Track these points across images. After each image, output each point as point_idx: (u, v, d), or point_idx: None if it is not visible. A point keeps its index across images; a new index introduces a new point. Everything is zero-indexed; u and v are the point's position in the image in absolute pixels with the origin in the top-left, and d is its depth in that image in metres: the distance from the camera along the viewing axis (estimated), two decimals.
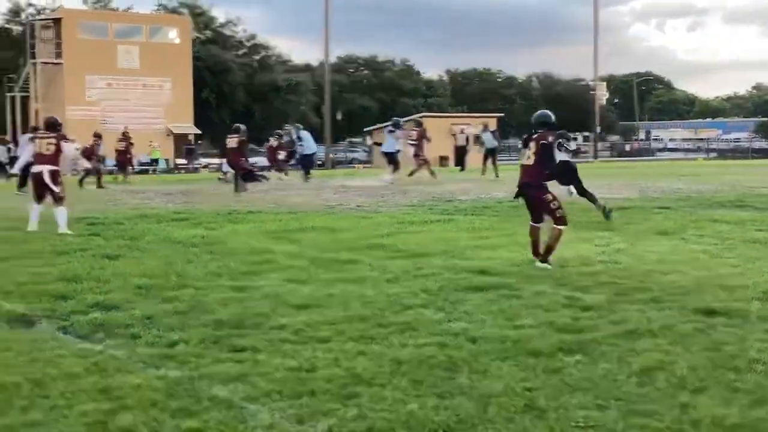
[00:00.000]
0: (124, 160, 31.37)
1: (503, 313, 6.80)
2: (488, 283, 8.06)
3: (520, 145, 9.83)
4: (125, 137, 31.60)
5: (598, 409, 4.57)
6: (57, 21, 54.02)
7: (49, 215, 12.97)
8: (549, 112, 9.58)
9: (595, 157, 63.68)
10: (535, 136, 9.20)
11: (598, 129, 69.80)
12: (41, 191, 12.96)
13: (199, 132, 56.93)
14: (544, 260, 9.05)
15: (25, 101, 54.44)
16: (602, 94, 78.17)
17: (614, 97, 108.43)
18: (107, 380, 5.06)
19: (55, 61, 52.94)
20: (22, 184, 21.27)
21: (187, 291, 7.82)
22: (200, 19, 69.34)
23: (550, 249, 9.11)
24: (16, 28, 63.78)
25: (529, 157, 9.20)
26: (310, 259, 9.74)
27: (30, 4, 64.39)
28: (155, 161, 50.37)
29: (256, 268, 9.09)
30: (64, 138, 13.68)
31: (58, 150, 13.03)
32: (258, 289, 7.90)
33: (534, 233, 9.32)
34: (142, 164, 49.30)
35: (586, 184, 14.66)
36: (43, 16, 57.97)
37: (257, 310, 6.95)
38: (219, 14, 74.03)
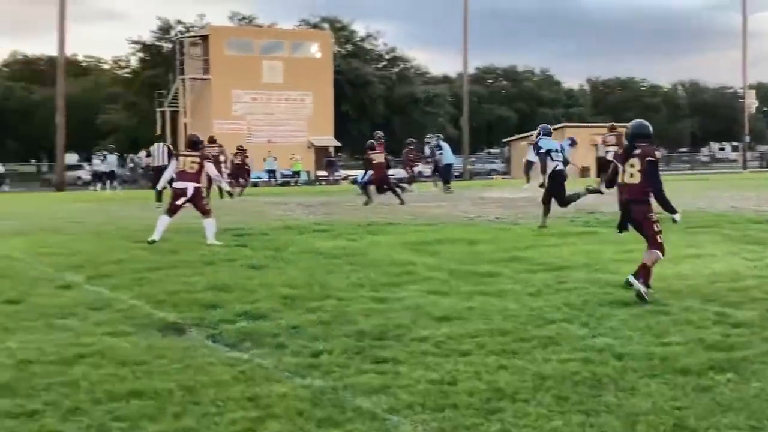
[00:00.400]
0: (241, 172, 31.79)
1: (650, 330, 6.62)
2: (634, 298, 7.85)
3: (614, 160, 9.06)
4: (241, 151, 31.77)
5: (751, 429, 4.42)
6: (205, 38, 56.48)
7: (197, 226, 13.48)
8: (646, 122, 8.64)
9: (744, 167, 61.30)
10: (638, 152, 8.31)
11: (747, 138, 67.21)
12: (177, 207, 13.39)
13: (339, 144, 58.07)
14: (637, 277, 8.00)
15: (174, 116, 56.97)
16: (751, 103, 75.30)
17: (764, 105, 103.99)
18: (255, 389, 5.19)
19: (203, 76, 55.32)
20: (159, 197, 21.67)
21: (330, 302, 7.95)
22: (341, 33, 70.71)
23: (644, 268, 8.05)
24: (166, 46, 66.05)
25: (632, 174, 8.32)
26: (450, 271, 9.74)
27: (179, 22, 66.94)
28: (297, 173, 51.71)
29: (396, 280, 9.15)
30: (207, 158, 14.26)
31: (201, 168, 13.55)
32: (399, 301, 7.95)
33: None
34: (284, 176, 50.79)
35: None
36: (191, 34, 60.50)
37: (398, 322, 7.00)
38: (359, 28, 75.39)
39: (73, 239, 14.35)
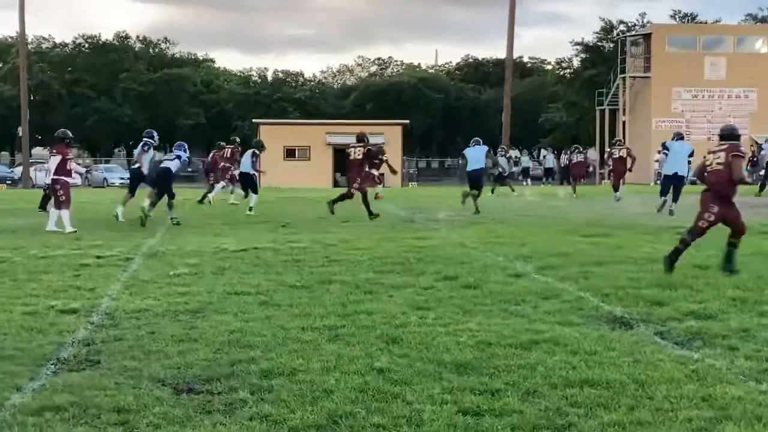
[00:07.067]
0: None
1: None
2: None
3: None
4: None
5: None
6: (646, 37, 62.80)
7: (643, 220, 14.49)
8: None
9: None
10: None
11: None
12: None
13: None
14: None
15: (612, 114, 64.02)
16: None
17: None
18: (707, 389, 5.76)
19: (643, 74, 62.00)
20: None
21: None
22: None
23: None
24: (608, 45, 74.23)
25: None
26: None
27: (621, 22, 75.14)
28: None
29: None
30: None
31: None
32: None
33: None
34: None
35: None
36: (633, 33, 67.55)
37: None
38: None
39: (520, 231, 16.72)
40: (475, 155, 24.22)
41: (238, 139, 29.30)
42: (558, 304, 8.90)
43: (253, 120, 60.56)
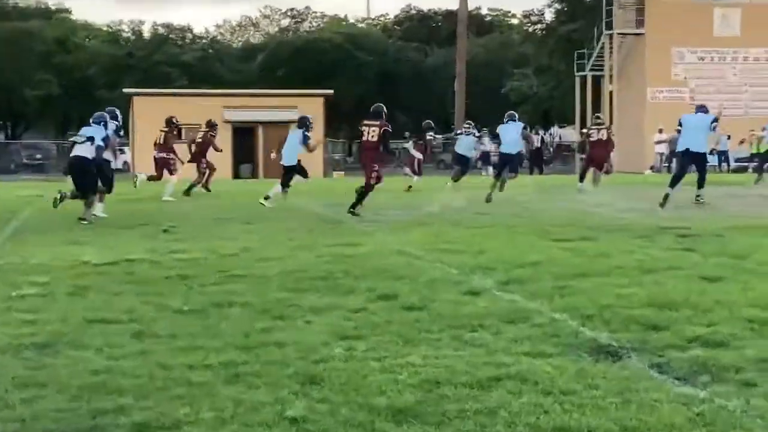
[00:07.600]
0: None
1: None
2: None
3: None
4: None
5: None
6: None
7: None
8: None
9: None
10: None
11: None
12: None
13: None
14: None
15: (597, 81, 65.91)
16: None
17: None
18: None
19: (635, 30, 62.90)
20: None
21: None
22: None
23: None
24: None
25: None
26: None
27: None
28: (757, 156, 51.87)
29: None
30: None
31: None
32: None
33: None
34: (738, 160, 53.34)
35: None
36: None
37: None
38: None
39: (479, 234, 17.12)
40: (509, 135, 25.48)
41: (175, 119, 30.16)
42: (526, 329, 8.97)
43: (124, 90, 60.13)
